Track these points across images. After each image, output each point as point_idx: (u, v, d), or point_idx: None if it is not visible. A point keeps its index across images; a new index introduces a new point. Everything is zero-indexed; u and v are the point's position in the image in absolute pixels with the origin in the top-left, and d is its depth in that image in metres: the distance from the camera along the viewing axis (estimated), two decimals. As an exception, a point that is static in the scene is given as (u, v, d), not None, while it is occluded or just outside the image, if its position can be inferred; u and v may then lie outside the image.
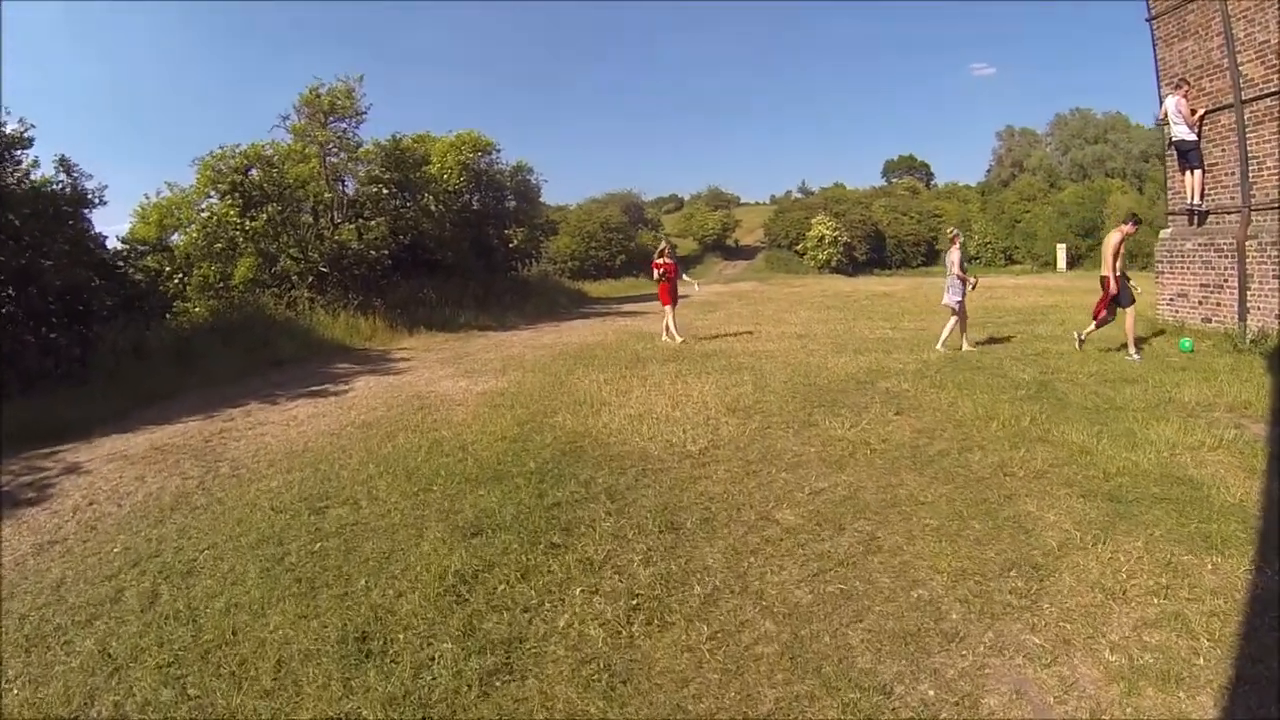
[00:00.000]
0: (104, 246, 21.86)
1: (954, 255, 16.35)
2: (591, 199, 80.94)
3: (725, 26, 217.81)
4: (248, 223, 25.54)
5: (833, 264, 70.15)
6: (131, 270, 23.07)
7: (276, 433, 12.03)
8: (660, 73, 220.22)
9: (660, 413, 11.38)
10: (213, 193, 26.18)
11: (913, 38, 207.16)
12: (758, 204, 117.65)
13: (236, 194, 25.85)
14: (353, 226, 28.09)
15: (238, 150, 26.13)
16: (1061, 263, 55.92)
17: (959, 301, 16.16)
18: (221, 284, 26.16)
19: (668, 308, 19.95)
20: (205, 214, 26.23)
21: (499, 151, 37.13)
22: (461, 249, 33.12)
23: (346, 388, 15.88)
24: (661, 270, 19.88)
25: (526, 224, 38.85)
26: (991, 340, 17.67)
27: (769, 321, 24.41)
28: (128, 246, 26.02)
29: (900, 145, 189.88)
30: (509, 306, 31.66)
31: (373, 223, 28.31)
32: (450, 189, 33.74)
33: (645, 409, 11.66)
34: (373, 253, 27.39)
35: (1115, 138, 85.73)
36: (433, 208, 29.51)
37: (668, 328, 19.82)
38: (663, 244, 22.10)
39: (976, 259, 70.93)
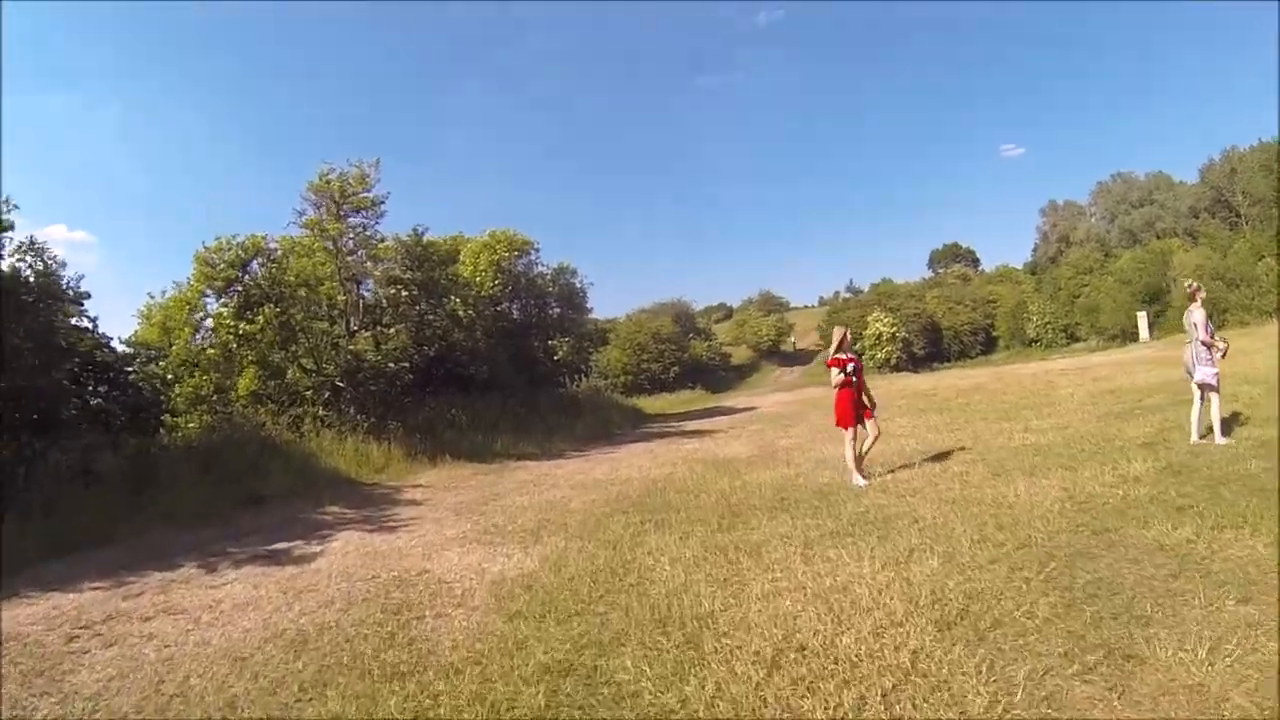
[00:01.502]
0: (107, 348, 18.96)
1: (1197, 315, 12.25)
2: (640, 309, 76.83)
3: (756, 127, 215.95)
4: (243, 326, 21.06)
5: (892, 361, 66.20)
6: (134, 376, 19.72)
7: (174, 634, 7.88)
8: (697, 179, 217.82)
9: (817, 642, 5.92)
10: (209, 291, 21.83)
11: (940, 129, 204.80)
12: (807, 307, 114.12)
13: (233, 293, 21.63)
14: (369, 335, 23.35)
15: (235, 241, 21.72)
16: (1144, 332, 51.00)
17: (1215, 374, 12.11)
18: (216, 397, 21.50)
19: (847, 433, 12.92)
20: (199, 315, 21.88)
21: (537, 251, 32.75)
22: (499, 362, 28.31)
23: (317, 550, 11.32)
24: (845, 369, 12.72)
25: (572, 333, 33.79)
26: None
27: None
28: (131, 350, 21.94)
29: (943, 235, 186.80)
30: (555, 428, 26.76)
31: (391, 330, 23.70)
32: (484, 294, 29.06)
33: (785, 633, 6.18)
34: (391, 365, 22.64)
35: (1160, 197, 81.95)
36: (461, 313, 24.58)
37: (852, 461, 12.83)
38: (842, 332, 13.42)
39: (1037, 341, 67.60)
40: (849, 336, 13.52)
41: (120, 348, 20.70)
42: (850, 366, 12.88)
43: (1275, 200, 57.92)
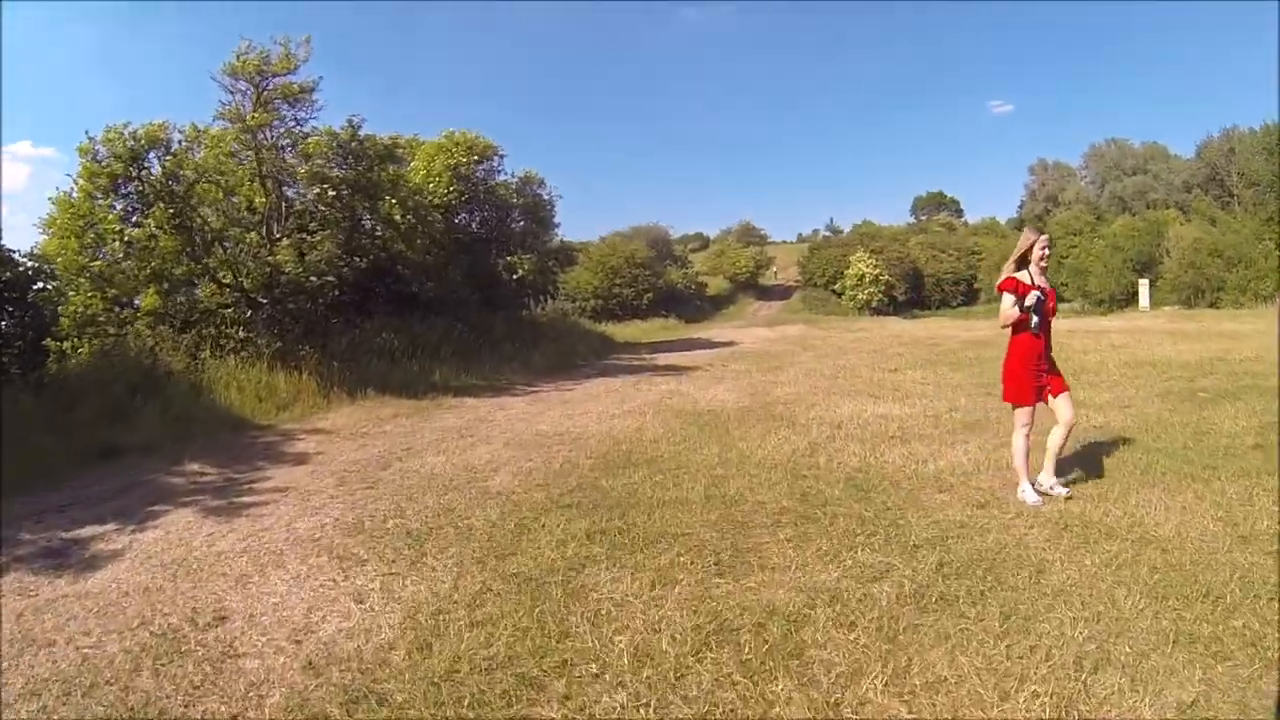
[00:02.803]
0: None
1: None
2: (616, 233, 72.50)
3: (740, 63, 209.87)
4: (129, 231, 17.07)
5: (873, 304, 63.76)
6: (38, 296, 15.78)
7: None
8: (678, 108, 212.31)
9: None
10: (97, 192, 17.43)
11: (930, 78, 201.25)
12: (785, 243, 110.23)
13: (125, 193, 17.49)
14: (290, 244, 19.13)
15: (126, 131, 17.15)
16: (1144, 300, 47.12)
17: None
18: (106, 318, 17.44)
19: (1020, 415, 7.89)
20: (83, 221, 17.36)
21: (502, 158, 28.01)
22: (450, 279, 23.97)
23: (119, 547, 7.32)
24: (1027, 300, 7.55)
25: (536, 250, 29.12)
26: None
27: (883, 390, 15.74)
28: (36, 265, 16.90)
29: (926, 184, 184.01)
30: (509, 357, 22.65)
31: (316, 238, 19.41)
32: (437, 202, 24.66)
33: None
34: (314, 279, 18.32)
35: (1155, 168, 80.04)
36: (399, 218, 20.22)
37: (1023, 460, 7.85)
38: (1033, 240, 7.69)
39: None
40: (1047, 248, 7.72)
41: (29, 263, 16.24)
42: (1034, 298, 7.49)
43: (1272, 184, 56.02)
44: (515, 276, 27.33)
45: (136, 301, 18.32)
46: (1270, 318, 29.11)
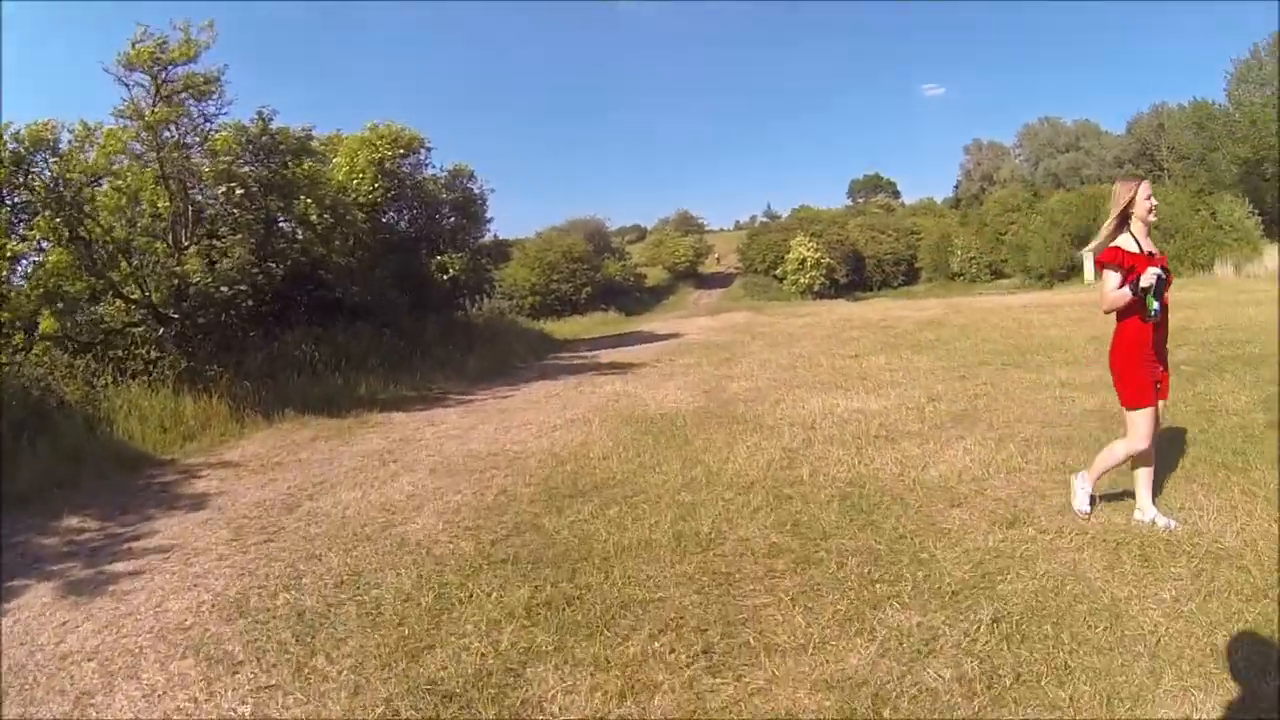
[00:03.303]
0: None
1: None
2: (551, 227, 69.77)
3: (667, 51, 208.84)
4: (11, 246, 14.83)
5: (815, 288, 61.99)
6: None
7: None
8: (612, 101, 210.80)
9: None
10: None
11: (862, 64, 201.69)
12: (722, 230, 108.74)
13: (9, 202, 15.31)
14: (195, 251, 17.23)
15: (9, 131, 14.99)
16: (1089, 273, 45.29)
17: None
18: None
19: (1138, 418, 5.86)
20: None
21: (429, 150, 26.05)
22: (377, 282, 22.14)
23: None
24: (1138, 281, 5.65)
25: (468, 247, 27.04)
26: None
27: (849, 379, 14.52)
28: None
29: (862, 166, 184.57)
30: (442, 362, 20.83)
31: (226, 243, 17.62)
32: (362, 200, 22.80)
33: None
34: (224, 289, 16.45)
35: (1088, 144, 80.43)
36: (315, 218, 18.44)
37: (1147, 479, 6.14)
38: (1134, 189, 5.92)
39: (961, 275, 64.49)
40: (1152, 199, 5.93)
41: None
42: (1153, 277, 5.61)
43: (1199, 157, 56.86)
44: (447, 276, 25.49)
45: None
46: (1217, 285, 30.07)
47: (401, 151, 24.28)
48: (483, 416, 13.85)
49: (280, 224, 19.10)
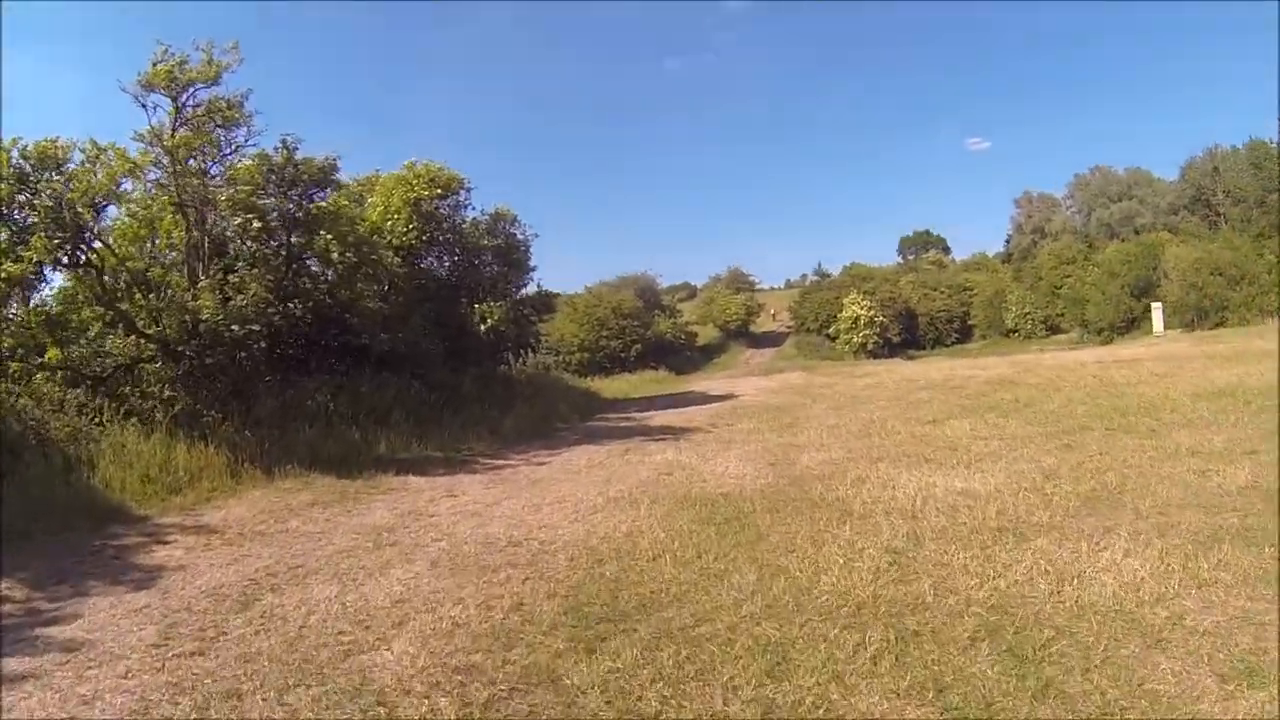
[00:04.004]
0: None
1: None
2: (601, 282, 68.05)
3: (720, 113, 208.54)
4: (7, 267, 13.24)
5: (868, 346, 60.30)
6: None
7: None
8: (660, 160, 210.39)
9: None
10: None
11: (904, 121, 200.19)
12: (773, 289, 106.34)
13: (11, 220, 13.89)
14: (207, 285, 15.34)
15: (17, 148, 13.67)
16: (1158, 324, 45.70)
17: None
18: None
19: None
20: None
21: (469, 191, 24.19)
22: (411, 331, 20.26)
23: None
24: None
25: (509, 297, 25.13)
26: None
27: (936, 450, 12.39)
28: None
29: (910, 223, 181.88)
30: (476, 420, 18.77)
31: (242, 278, 15.72)
32: (397, 242, 21.12)
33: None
34: (235, 328, 14.44)
35: (1140, 193, 77.61)
36: (335, 255, 16.66)
37: None
38: None
39: (1015, 332, 62.91)
40: None
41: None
42: None
43: (1260, 200, 56.76)
44: (485, 326, 23.53)
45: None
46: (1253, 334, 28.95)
47: (439, 192, 22.54)
48: (511, 488, 11.74)
49: (305, 261, 17.29)
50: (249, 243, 16.13)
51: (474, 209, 24.60)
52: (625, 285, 66.69)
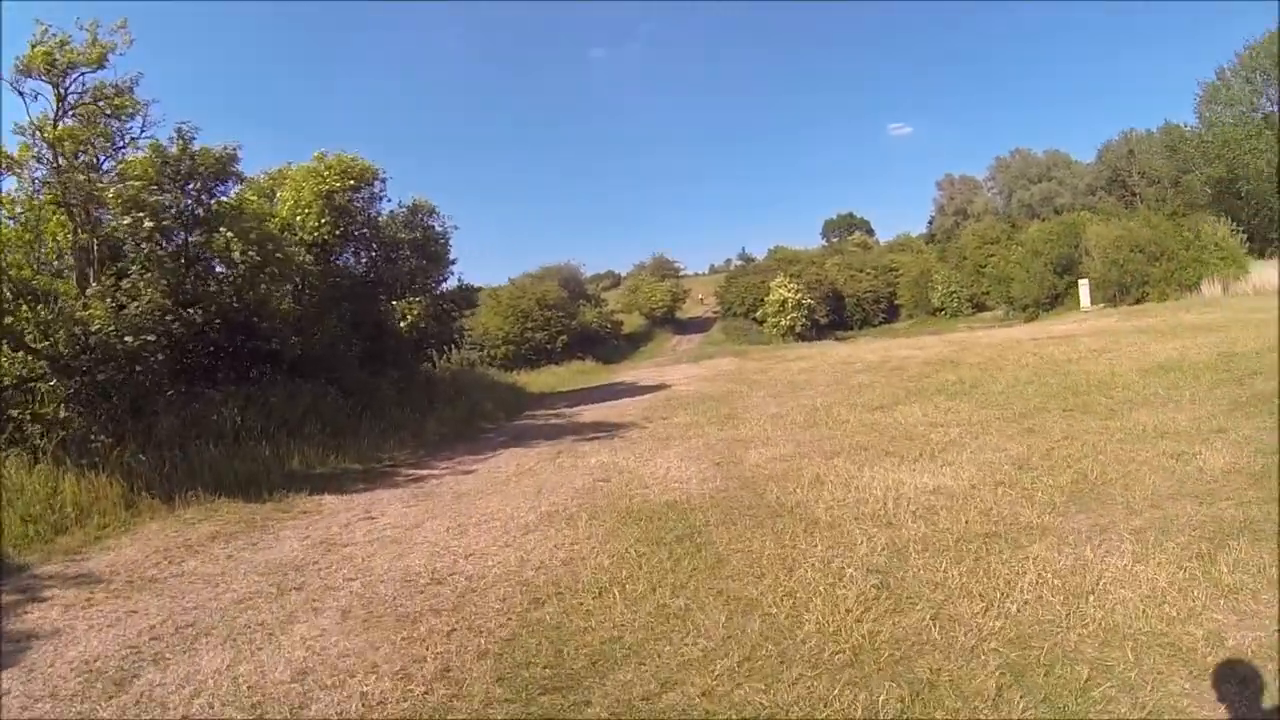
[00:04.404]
0: None
1: None
2: (525, 274, 66.74)
3: (644, 100, 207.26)
4: None
5: (796, 329, 60.01)
6: None
7: None
8: (582, 148, 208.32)
9: None
10: None
11: (828, 107, 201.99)
12: (698, 275, 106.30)
13: None
14: (95, 292, 13.87)
15: None
16: (1085, 300, 45.75)
17: None
18: None
19: None
20: None
21: (384, 181, 22.64)
22: (326, 332, 18.96)
23: None
24: None
25: (427, 292, 23.76)
26: None
27: (894, 440, 11.50)
28: None
29: (833, 207, 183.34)
30: (397, 425, 17.49)
31: (134, 284, 14.16)
32: (308, 238, 19.80)
33: None
34: (127, 339, 12.98)
35: (1059, 174, 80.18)
36: (237, 254, 15.34)
37: None
38: None
39: (942, 310, 63.44)
40: None
41: None
42: None
43: (1172, 179, 58.62)
44: (404, 324, 22.14)
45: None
46: (1226, 306, 28.30)
47: (353, 184, 21.08)
48: (434, 505, 10.53)
49: (206, 262, 15.93)
50: (142, 244, 14.68)
51: (390, 201, 23.23)
52: (549, 275, 65.66)
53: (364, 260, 22.86)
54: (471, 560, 7.57)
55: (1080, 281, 47.22)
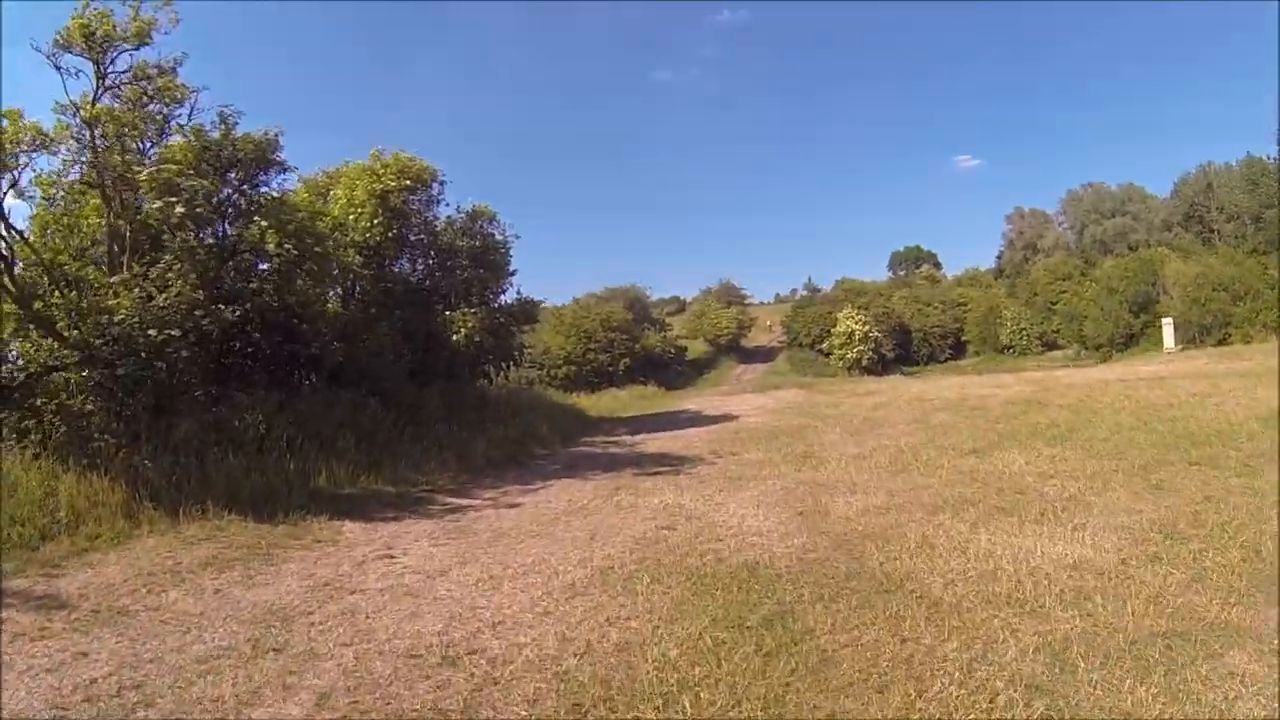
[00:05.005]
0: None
1: None
2: (590, 294, 65.29)
3: (710, 126, 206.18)
4: None
5: (863, 362, 58.48)
6: None
7: None
8: (648, 171, 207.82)
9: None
10: None
11: (896, 139, 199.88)
12: (763, 304, 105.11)
13: None
14: (120, 281, 12.58)
15: None
16: (1169, 341, 43.56)
17: None
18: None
19: None
20: None
21: (442, 184, 21.36)
22: (376, 339, 17.72)
23: None
24: None
25: (484, 304, 22.15)
26: None
27: (1002, 493, 9.86)
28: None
29: (900, 239, 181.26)
30: (444, 444, 15.88)
31: (164, 273, 12.86)
32: (360, 240, 18.56)
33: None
34: (151, 333, 11.70)
35: (1134, 209, 76.55)
36: (272, 246, 14.12)
37: None
38: None
39: (1010, 348, 61.96)
40: None
41: None
42: None
43: (1254, 215, 57.83)
44: (456, 337, 20.63)
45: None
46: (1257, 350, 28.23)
47: (409, 184, 19.82)
48: (467, 546, 8.95)
49: (244, 256, 14.69)
50: (177, 233, 13.53)
51: (448, 206, 21.87)
52: (614, 297, 64.63)
53: (420, 267, 21.61)
54: (498, 633, 5.95)
55: (1164, 321, 45.33)
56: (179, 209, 12.86)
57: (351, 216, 18.63)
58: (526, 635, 5.86)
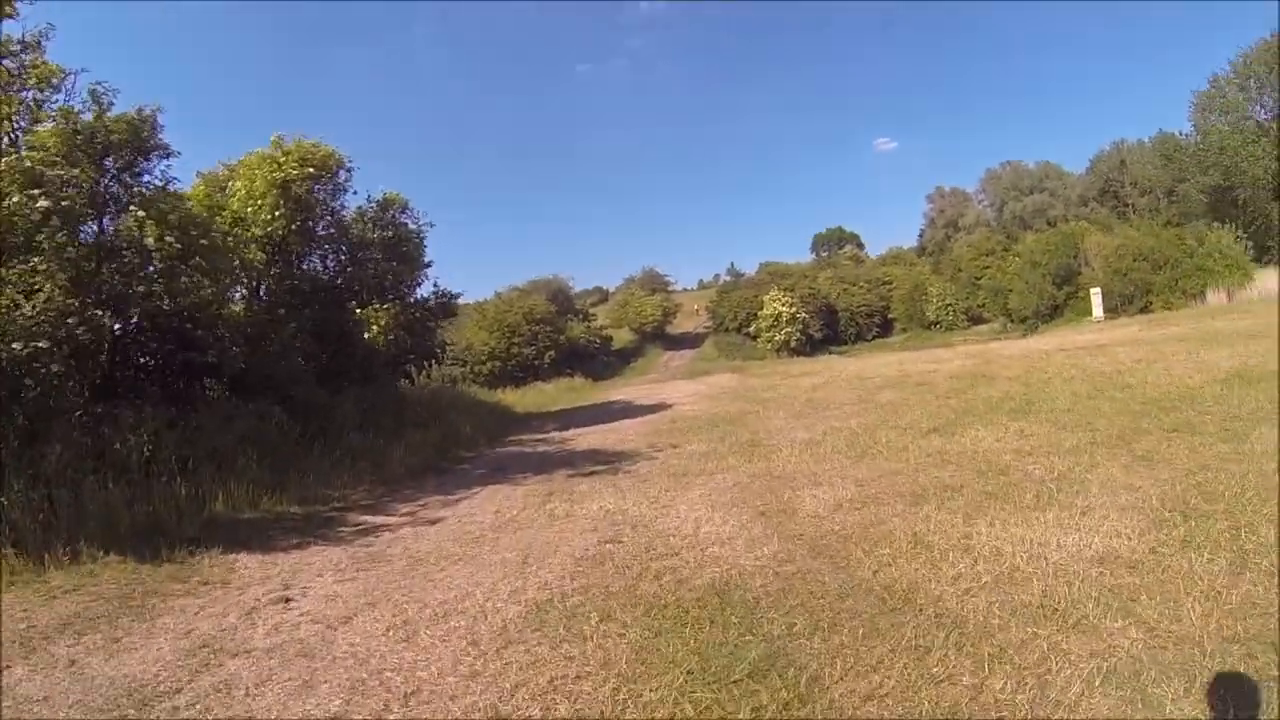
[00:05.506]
0: None
1: None
2: (512, 287, 64.22)
3: (630, 116, 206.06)
4: None
5: (791, 344, 58.29)
6: None
7: None
8: (567, 162, 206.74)
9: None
10: None
11: (814, 123, 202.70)
12: (687, 290, 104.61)
13: None
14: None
15: None
16: (1098, 310, 44.28)
17: None
18: None
19: None
20: None
21: (349, 171, 19.66)
22: (282, 342, 16.19)
23: None
24: None
25: (399, 298, 20.76)
26: None
27: (985, 475, 8.79)
28: None
29: (822, 222, 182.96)
30: (358, 453, 14.47)
31: (33, 277, 11.36)
32: (262, 233, 17.09)
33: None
34: (14, 347, 10.13)
35: (1051, 185, 79.42)
36: (151, 240, 12.43)
37: None
38: None
39: (937, 324, 62.20)
40: None
41: None
42: None
43: (1167, 189, 59.46)
44: (368, 335, 19.12)
45: None
46: (1248, 313, 27.29)
47: (312, 171, 18.18)
48: (378, 579, 7.48)
49: (126, 253, 12.94)
50: (41, 228, 11.83)
51: (356, 195, 20.37)
52: (536, 289, 63.68)
53: (330, 262, 20.00)
54: (411, 708, 4.56)
55: (1093, 291, 46.08)
56: (41, 203, 11.19)
57: (251, 209, 17.01)
58: (447, 711, 4.49)
